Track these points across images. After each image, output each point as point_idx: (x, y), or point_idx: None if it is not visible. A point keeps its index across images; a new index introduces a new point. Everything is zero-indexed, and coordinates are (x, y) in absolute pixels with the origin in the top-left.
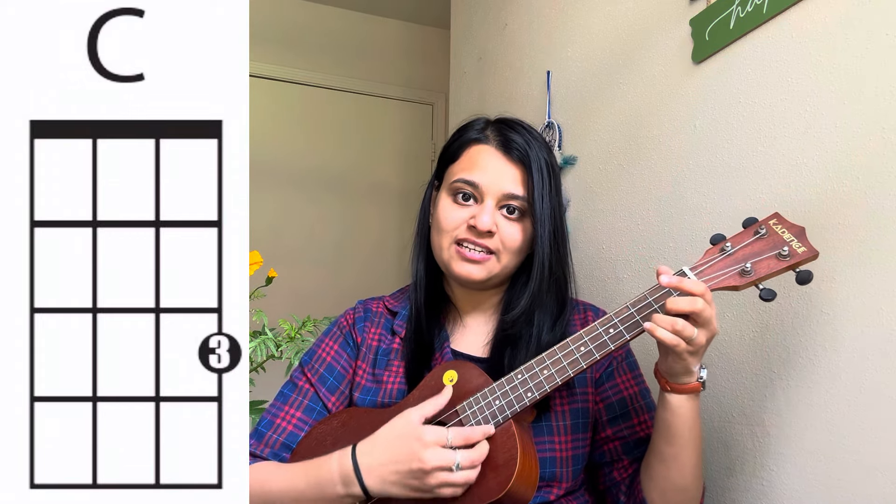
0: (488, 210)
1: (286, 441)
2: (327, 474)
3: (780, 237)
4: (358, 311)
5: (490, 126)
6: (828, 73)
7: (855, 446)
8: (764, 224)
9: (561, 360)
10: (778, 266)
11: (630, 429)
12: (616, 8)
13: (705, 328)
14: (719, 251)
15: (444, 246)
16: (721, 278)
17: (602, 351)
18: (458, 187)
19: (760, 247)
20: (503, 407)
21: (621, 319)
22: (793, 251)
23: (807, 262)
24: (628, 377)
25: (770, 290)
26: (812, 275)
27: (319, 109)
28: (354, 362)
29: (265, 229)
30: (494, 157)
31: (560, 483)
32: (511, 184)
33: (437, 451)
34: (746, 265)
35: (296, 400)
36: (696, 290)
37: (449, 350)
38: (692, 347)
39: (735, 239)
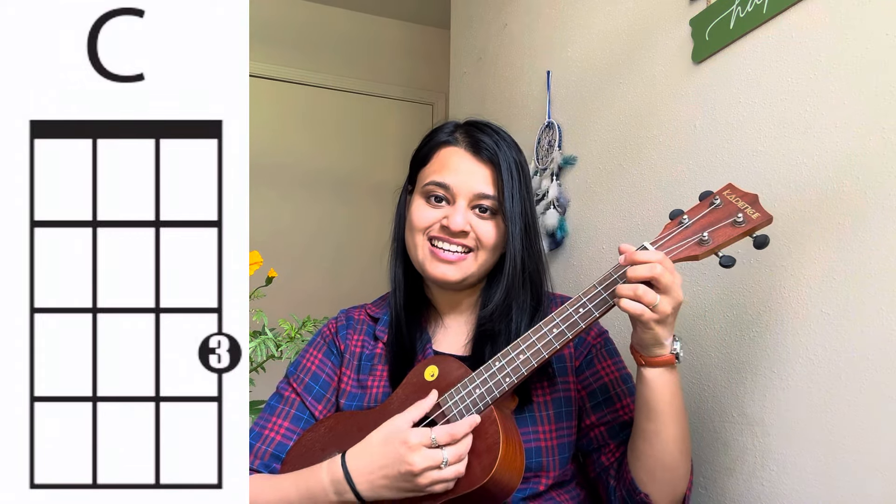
0: (460, 210)
1: (275, 451)
2: (318, 484)
3: (734, 205)
4: (340, 319)
5: (459, 129)
6: (828, 73)
7: (855, 446)
8: (718, 195)
9: (535, 343)
10: (734, 232)
11: (613, 413)
12: (616, 8)
13: (668, 295)
14: (677, 224)
15: (419, 244)
16: (680, 249)
17: (574, 330)
18: (430, 190)
19: (716, 216)
20: (483, 395)
21: (589, 298)
22: (747, 217)
23: (762, 227)
24: (608, 363)
25: (729, 256)
26: (768, 239)
27: (319, 109)
28: (339, 370)
29: (265, 229)
30: (464, 158)
31: (548, 473)
32: (482, 184)
33: (424, 452)
34: (704, 234)
35: (283, 410)
36: (651, 258)
37: (431, 351)
38: (657, 315)
39: (692, 211)
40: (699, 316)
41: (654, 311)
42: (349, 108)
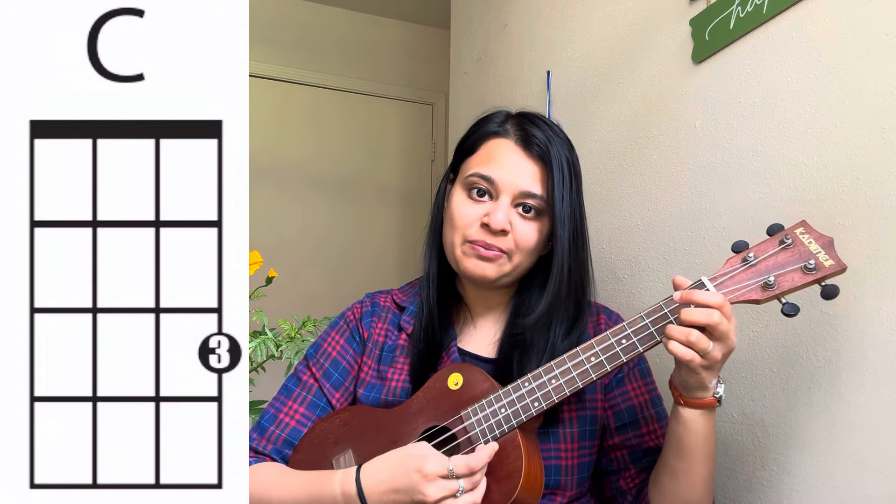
0: (503, 208)
1: (288, 437)
2: (330, 493)
3: (806, 248)
4: (365, 304)
5: (510, 119)
6: (828, 73)
7: (855, 446)
8: (790, 233)
9: (570, 370)
10: (803, 280)
11: (639, 437)
12: (616, 8)
13: (721, 342)
14: (741, 261)
15: (456, 243)
16: (742, 291)
17: (613, 363)
18: (473, 182)
19: (785, 258)
20: (509, 416)
21: (634, 331)
22: (819, 264)
23: (834, 276)
24: (639, 384)
25: (793, 304)
26: (838, 289)
27: (319, 109)
28: (360, 358)
29: (265, 229)
30: (513, 152)
31: (564, 492)
32: (529, 181)
33: (440, 483)
34: (770, 278)
35: (299, 395)
36: (712, 301)
37: (455, 349)
38: (706, 361)
39: (759, 248)
40: None
41: (705, 358)
42: (349, 109)
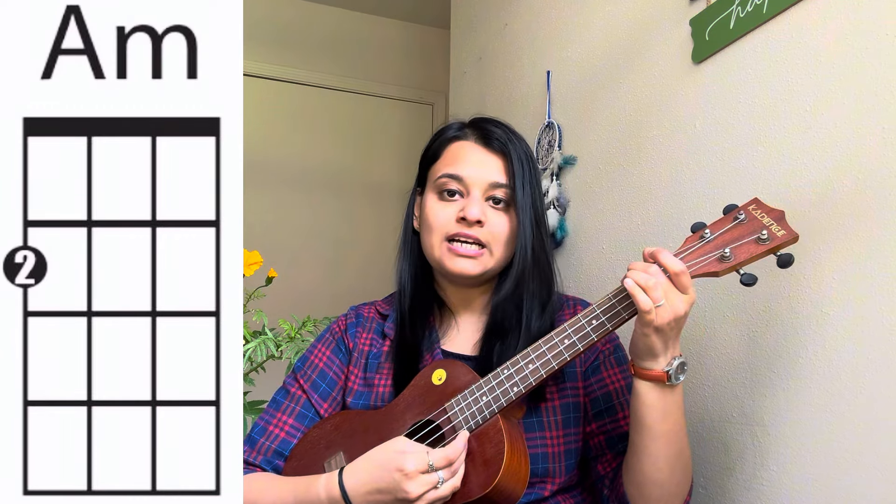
0: (476, 201)
1: (278, 448)
2: (315, 495)
3: (759, 221)
4: (350, 317)
5: (467, 125)
6: (828, 73)
7: (855, 446)
8: (743, 209)
9: (545, 353)
10: (757, 250)
11: (614, 423)
12: (616, 8)
13: (671, 305)
14: (699, 238)
15: (436, 244)
16: (701, 264)
17: (585, 342)
18: (444, 183)
19: (740, 232)
20: (489, 402)
21: (603, 311)
22: (772, 234)
23: (787, 246)
24: (615, 371)
25: (751, 274)
26: (793, 257)
27: (319, 109)
28: (346, 368)
29: (265, 229)
30: (476, 150)
31: (553, 479)
32: (495, 173)
33: (420, 479)
34: (726, 251)
35: (288, 406)
36: (675, 267)
37: (439, 351)
38: (657, 319)
39: (714, 225)
40: (699, 316)
41: (656, 314)
42: (349, 108)
